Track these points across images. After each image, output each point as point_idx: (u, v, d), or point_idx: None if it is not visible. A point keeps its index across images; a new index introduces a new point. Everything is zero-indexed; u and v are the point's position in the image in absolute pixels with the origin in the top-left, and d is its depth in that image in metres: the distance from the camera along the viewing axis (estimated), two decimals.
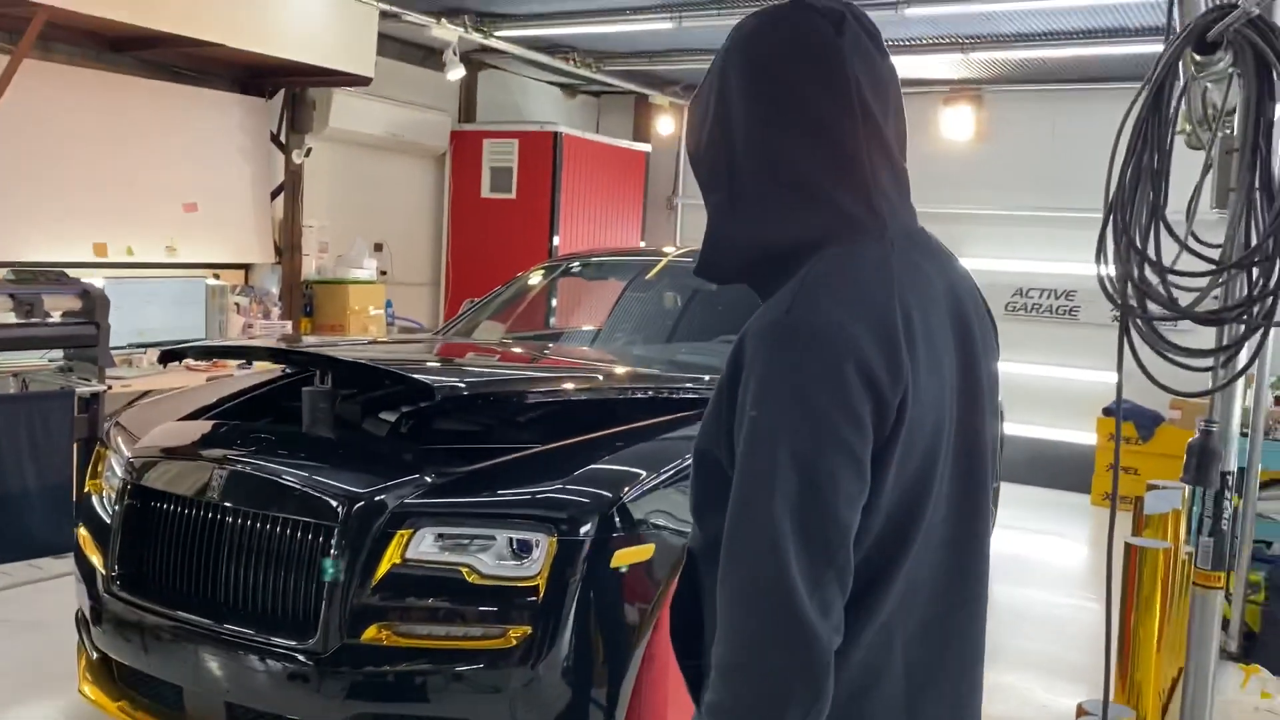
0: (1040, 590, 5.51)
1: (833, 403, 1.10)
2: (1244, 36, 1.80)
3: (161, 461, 3.11)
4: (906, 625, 1.22)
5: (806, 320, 1.13)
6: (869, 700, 1.19)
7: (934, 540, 1.24)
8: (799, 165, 1.23)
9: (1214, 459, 1.88)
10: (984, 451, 1.28)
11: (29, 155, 5.72)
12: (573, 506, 2.73)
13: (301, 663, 2.69)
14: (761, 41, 1.26)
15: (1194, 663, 1.99)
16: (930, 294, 1.23)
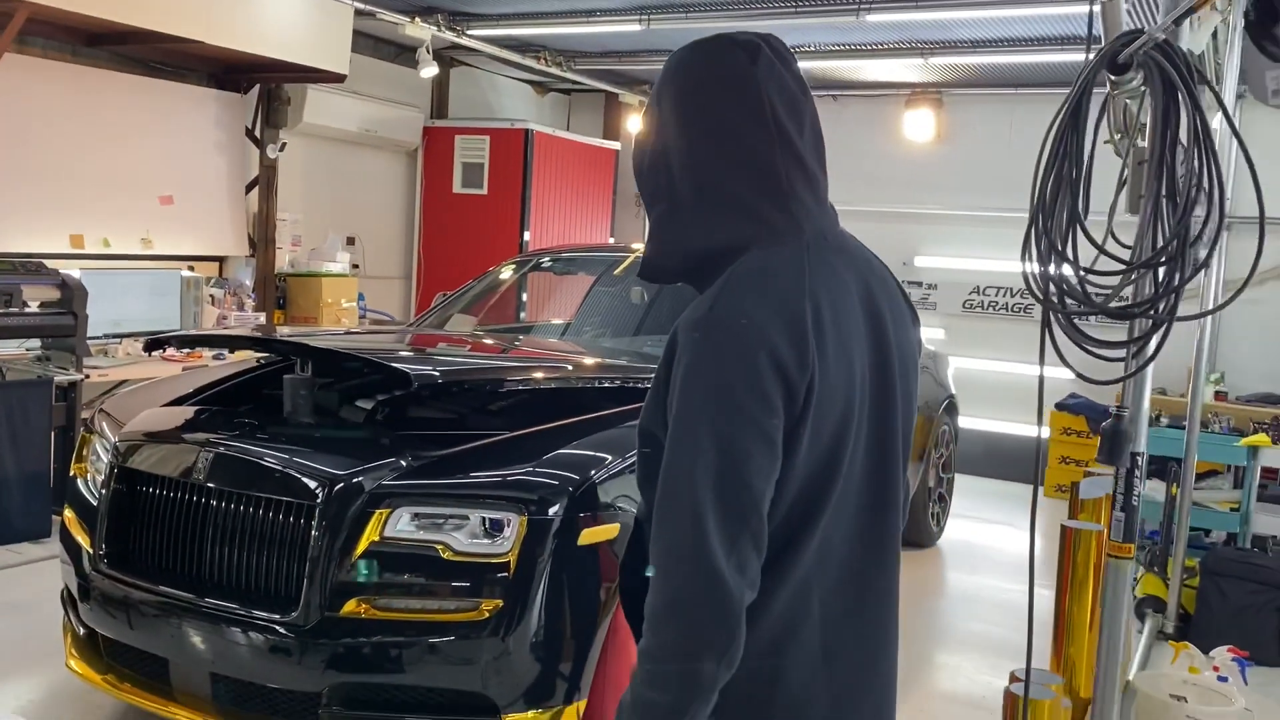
0: (990, 577, 5.74)
1: (747, 388, 1.27)
2: (1152, 59, 1.99)
3: (147, 445, 3.24)
4: (824, 582, 1.38)
5: (725, 316, 1.30)
6: (790, 645, 1.36)
7: (849, 507, 1.41)
8: (725, 181, 1.40)
9: (1124, 441, 2.08)
10: (895, 430, 1.45)
11: (6, 148, 5.80)
12: (542, 488, 2.89)
13: (283, 635, 2.83)
14: (688, 73, 1.45)
15: (1107, 626, 2.19)
16: (842, 289, 1.40)
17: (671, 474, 1.28)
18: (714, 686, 1.26)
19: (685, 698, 1.24)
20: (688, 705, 1.24)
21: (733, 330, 1.29)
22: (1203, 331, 4.76)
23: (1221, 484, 5.54)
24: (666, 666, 1.25)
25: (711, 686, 1.25)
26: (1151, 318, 2.02)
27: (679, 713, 1.24)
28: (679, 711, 1.24)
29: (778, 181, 1.41)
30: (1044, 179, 2.05)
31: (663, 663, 1.25)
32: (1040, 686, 2.72)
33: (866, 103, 8.98)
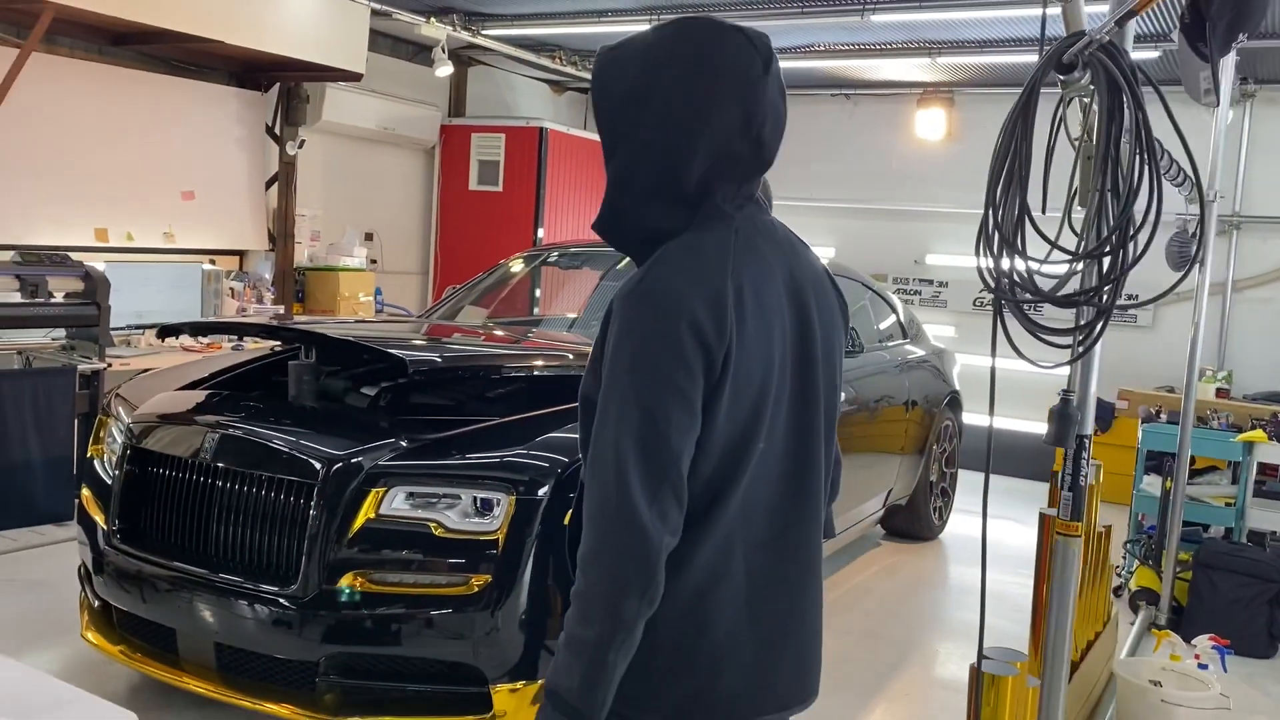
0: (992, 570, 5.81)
1: (669, 354, 1.38)
2: (1097, 59, 2.10)
3: (159, 427, 3.40)
4: (747, 538, 1.50)
5: (652, 289, 1.42)
6: (713, 596, 1.48)
7: (773, 472, 1.52)
8: (685, 142, 1.47)
9: (1071, 423, 2.18)
10: (817, 403, 1.57)
11: (34, 144, 6.00)
12: (531, 470, 3.01)
13: (284, 607, 2.98)
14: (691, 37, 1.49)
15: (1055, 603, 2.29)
16: (766, 272, 1.50)
17: (600, 433, 1.41)
18: (635, 622, 1.38)
19: (608, 631, 1.37)
20: (610, 638, 1.37)
21: (658, 302, 1.40)
22: (1197, 330, 4.81)
23: (1220, 480, 5.58)
24: (594, 605, 1.38)
25: (633, 622, 1.38)
26: (1096, 305, 2.12)
27: (603, 646, 1.37)
28: (603, 644, 1.37)
29: (728, 157, 1.49)
30: (993, 176, 2.16)
31: (590, 601, 1.38)
32: (1005, 664, 2.82)
33: (878, 102, 9.05)
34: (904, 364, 5.83)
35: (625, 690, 1.46)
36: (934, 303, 8.95)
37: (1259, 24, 2.24)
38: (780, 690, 1.56)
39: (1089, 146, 2.16)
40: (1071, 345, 2.18)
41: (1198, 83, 2.23)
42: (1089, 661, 3.79)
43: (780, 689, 1.56)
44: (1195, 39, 2.17)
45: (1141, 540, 5.44)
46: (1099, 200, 2.12)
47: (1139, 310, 8.28)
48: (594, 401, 1.47)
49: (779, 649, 1.55)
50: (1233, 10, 2.06)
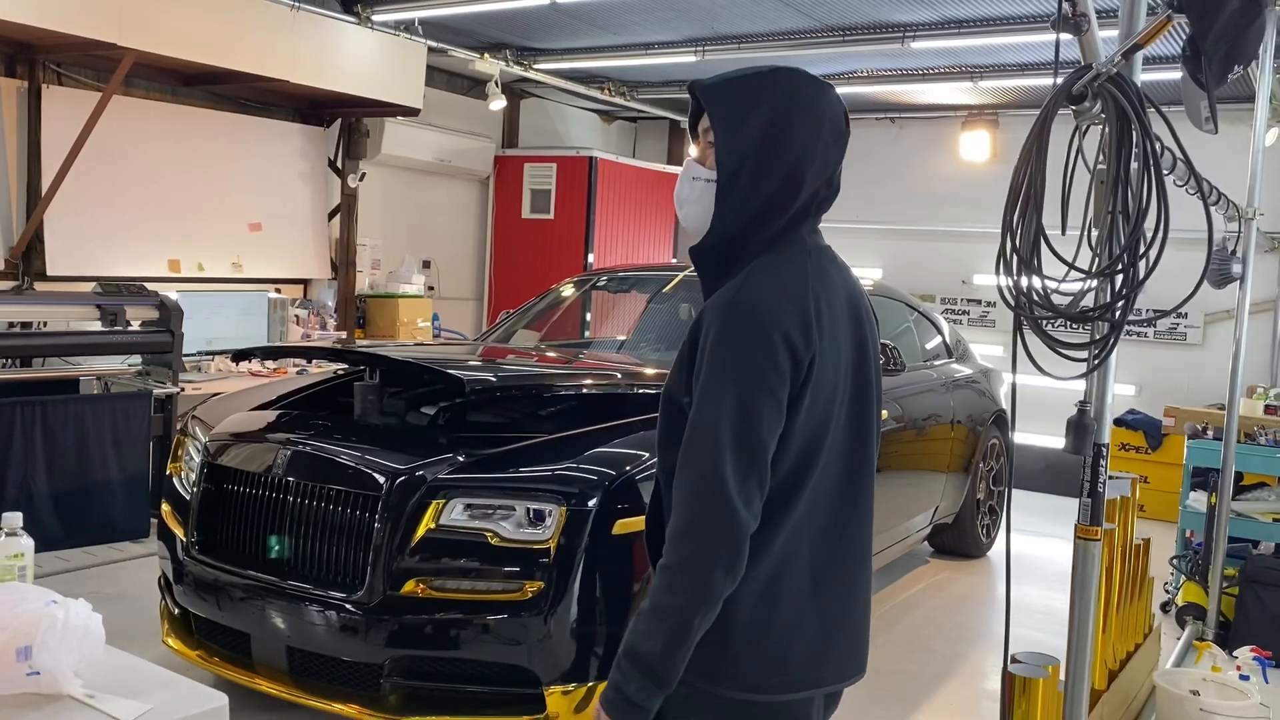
0: (1036, 586, 5.87)
1: (763, 358, 1.58)
2: (1106, 90, 2.24)
3: (234, 445, 3.62)
4: (811, 527, 1.68)
5: (748, 301, 1.61)
6: (784, 579, 1.66)
7: (832, 470, 1.71)
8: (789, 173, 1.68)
9: (1087, 432, 2.30)
10: (871, 410, 1.76)
11: (113, 181, 6.34)
12: (581, 482, 3.18)
13: (351, 612, 3.17)
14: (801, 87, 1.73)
15: (1078, 603, 2.40)
16: (833, 291, 1.71)
17: (698, 424, 1.59)
18: (720, 593, 1.56)
19: (694, 602, 1.55)
20: (697, 607, 1.55)
21: (754, 313, 1.60)
22: (1239, 346, 4.86)
23: (1268, 495, 5.58)
24: (683, 576, 1.55)
25: (719, 594, 1.56)
26: (1109, 320, 2.25)
27: (689, 613, 1.55)
28: (689, 612, 1.55)
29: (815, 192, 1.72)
30: (1010, 201, 2.30)
31: (680, 572, 1.56)
32: (1036, 668, 2.93)
33: (923, 125, 9.17)
34: (949, 383, 5.93)
35: (704, 666, 1.63)
36: (982, 323, 9.01)
37: (1252, 58, 2.36)
38: (839, 664, 1.74)
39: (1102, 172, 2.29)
40: (1087, 359, 2.31)
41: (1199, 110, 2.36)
42: (1129, 671, 3.86)
43: (839, 663, 1.74)
44: (1194, 70, 2.30)
45: (1188, 556, 5.46)
46: (1110, 221, 2.25)
47: (1189, 329, 8.28)
48: (677, 401, 1.67)
49: (838, 627, 1.72)
50: (1227, 45, 2.19)
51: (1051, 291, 2.30)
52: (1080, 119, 2.31)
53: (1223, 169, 5.87)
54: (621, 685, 1.58)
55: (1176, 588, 5.41)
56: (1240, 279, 4.71)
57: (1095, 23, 2.35)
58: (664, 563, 1.59)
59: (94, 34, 5.34)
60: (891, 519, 5.09)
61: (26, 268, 5.98)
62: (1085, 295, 2.30)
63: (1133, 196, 2.20)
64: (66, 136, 5.79)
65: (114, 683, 1.85)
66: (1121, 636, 3.85)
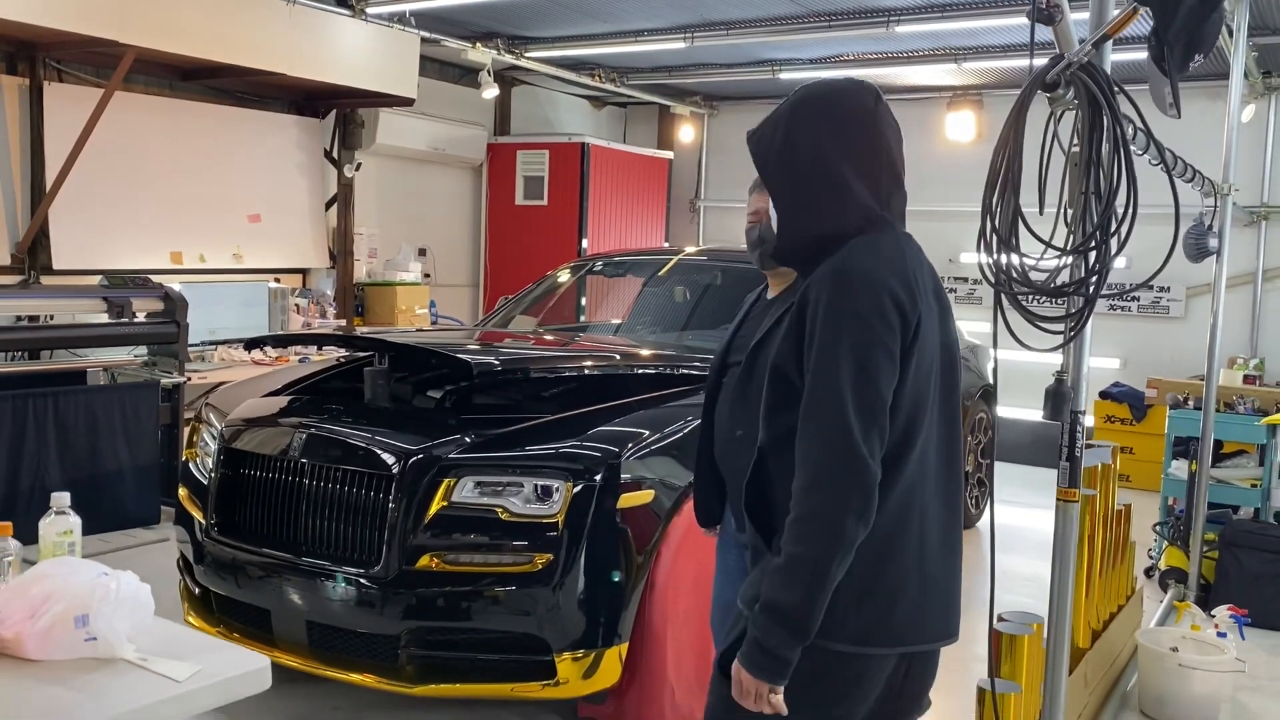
0: (1023, 555, 6.04)
1: (876, 318, 1.72)
2: (1079, 77, 2.38)
3: (249, 429, 3.76)
4: (923, 491, 1.81)
5: (855, 268, 1.77)
6: (898, 537, 1.78)
7: (935, 437, 1.84)
8: (846, 183, 1.86)
9: (1065, 400, 2.45)
10: (958, 384, 1.90)
11: (115, 175, 6.44)
12: (586, 459, 3.33)
13: (368, 587, 3.31)
14: (829, 101, 1.92)
15: (1058, 563, 2.56)
16: (923, 269, 1.88)
17: (819, 381, 1.72)
18: (854, 541, 1.68)
19: (831, 550, 1.67)
20: (833, 556, 1.67)
21: (862, 277, 1.75)
22: (1216, 318, 5.00)
23: (1247, 463, 5.76)
24: (816, 526, 1.67)
25: (852, 541, 1.68)
26: (1083, 295, 2.40)
27: (826, 561, 1.66)
28: (826, 560, 1.66)
29: (881, 191, 1.89)
30: (989, 184, 2.44)
31: (811, 523, 1.68)
32: (1022, 625, 3.09)
33: (909, 106, 9.29)
34: None
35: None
36: (969, 300, 9.17)
37: (1211, 47, 2.51)
38: (937, 624, 1.87)
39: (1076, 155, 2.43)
40: (1064, 331, 2.46)
41: (1164, 96, 2.50)
42: (1112, 631, 4.03)
43: (937, 624, 1.87)
44: (1158, 58, 2.44)
45: (1170, 522, 5.64)
46: (1083, 202, 2.39)
47: (1172, 302, 8.45)
48: (785, 373, 1.81)
49: (939, 589, 1.85)
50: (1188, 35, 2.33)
51: (1029, 269, 2.44)
52: (1055, 105, 2.45)
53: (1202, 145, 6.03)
54: (762, 640, 1.69)
55: (1159, 553, 5.59)
56: (1217, 253, 4.86)
57: (1068, 13, 2.48)
58: (794, 516, 1.70)
59: (95, 31, 5.43)
60: None
61: (33, 262, 6.09)
62: (1061, 271, 2.44)
63: (1104, 177, 2.34)
64: (69, 133, 5.88)
65: (163, 648, 1.99)
66: (1104, 599, 4.02)
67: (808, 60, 7.77)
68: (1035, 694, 2.94)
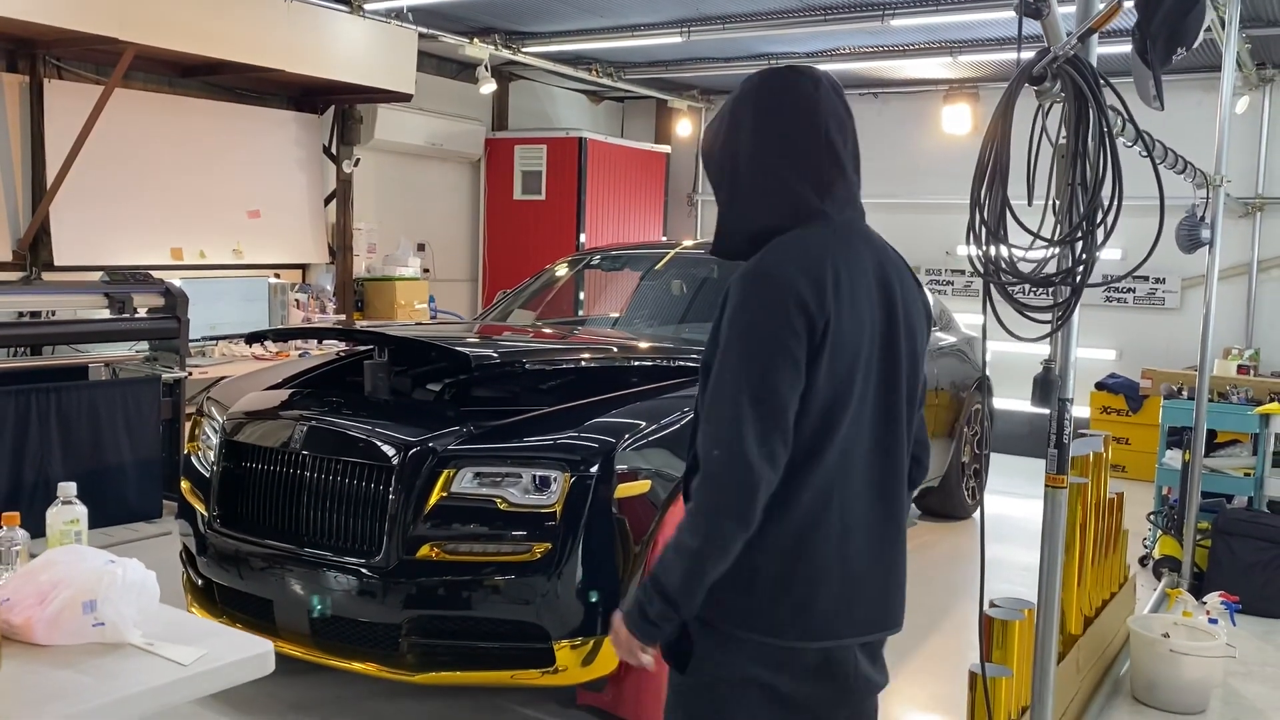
0: (1018, 545, 6.08)
1: (777, 321, 1.72)
2: (1065, 71, 2.42)
3: (250, 422, 3.80)
4: (844, 488, 1.82)
5: (764, 269, 1.77)
6: (815, 533, 1.80)
7: (865, 437, 1.84)
8: (783, 179, 1.86)
9: (1053, 388, 2.49)
10: (900, 381, 1.88)
11: (115, 172, 6.48)
12: (583, 450, 3.37)
13: (369, 576, 3.36)
14: (763, 94, 1.91)
15: (1047, 547, 2.60)
16: (860, 265, 1.83)
17: (719, 382, 1.75)
18: (731, 540, 1.72)
19: (708, 547, 1.71)
20: (709, 553, 1.71)
21: (768, 278, 1.76)
22: (1208, 309, 5.04)
23: (1241, 452, 5.81)
24: (699, 520, 1.72)
25: (729, 540, 1.71)
26: (1070, 285, 2.44)
27: (702, 556, 1.71)
28: (702, 556, 1.71)
29: (821, 182, 1.87)
30: (978, 175, 2.48)
31: (696, 516, 1.73)
32: (1013, 610, 3.15)
33: (905, 99, 9.34)
34: (933, 351, 6.12)
35: (734, 611, 1.80)
36: (966, 292, 9.21)
37: (1194, 40, 2.54)
38: (863, 618, 1.88)
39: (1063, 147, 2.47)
40: (1051, 320, 2.50)
41: (1148, 88, 2.54)
42: (1104, 618, 4.08)
43: (863, 617, 1.87)
44: (1141, 51, 2.48)
45: (1164, 511, 5.69)
46: (1070, 193, 2.43)
47: (1167, 293, 8.49)
48: (709, 369, 1.81)
49: (864, 583, 1.86)
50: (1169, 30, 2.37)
51: (1018, 259, 2.48)
52: (1042, 98, 2.49)
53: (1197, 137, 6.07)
54: (644, 605, 1.75)
55: (1154, 542, 5.63)
56: (1209, 244, 4.90)
57: (1056, 7, 2.52)
58: (689, 507, 1.75)
59: (95, 29, 5.47)
60: None
61: (34, 258, 6.13)
62: (1049, 262, 2.48)
63: (1090, 169, 2.38)
64: (69, 130, 5.92)
65: (168, 633, 2.04)
66: (1097, 586, 4.07)
67: (804, 54, 7.80)
68: (1026, 679, 2.99)
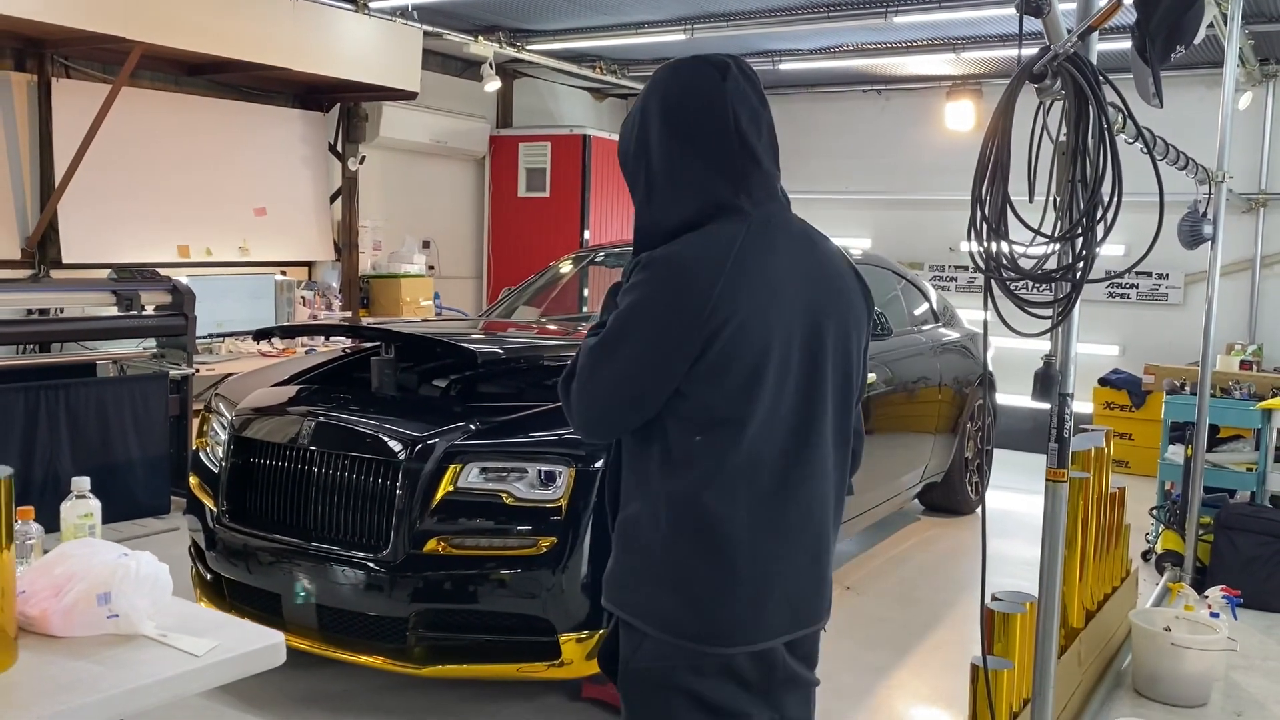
0: (1020, 540, 6.11)
1: (664, 302, 1.73)
2: (1065, 69, 2.44)
3: (259, 419, 3.84)
4: (752, 490, 1.79)
5: (662, 255, 1.77)
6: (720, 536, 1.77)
7: (778, 435, 1.79)
8: (693, 175, 1.83)
9: (1053, 382, 2.51)
10: (824, 377, 1.84)
11: (122, 171, 6.51)
12: (587, 445, 3.39)
13: (376, 571, 3.39)
14: (669, 86, 1.87)
15: (1048, 540, 2.63)
16: (774, 259, 1.80)
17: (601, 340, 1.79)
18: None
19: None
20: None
21: (668, 263, 1.75)
22: (1210, 304, 5.06)
23: (1243, 447, 5.82)
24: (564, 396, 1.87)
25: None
26: (1070, 280, 2.46)
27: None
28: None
29: (734, 176, 1.83)
30: (979, 172, 2.50)
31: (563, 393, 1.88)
32: (1015, 604, 3.17)
33: (909, 96, 9.35)
34: (937, 347, 6.15)
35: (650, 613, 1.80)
36: (969, 288, 9.22)
37: (1193, 38, 2.57)
38: (775, 623, 1.84)
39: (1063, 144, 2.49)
40: (1051, 316, 2.52)
41: (1147, 86, 2.56)
42: (1106, 612, 4.11)
43: (775, 622, 1.84)
44: (1140, 49, 2.50)
45: (1167, 506, 5.71)
46: (1070, 189, 2.46)
47: (1170, 289, 8.50)
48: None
49: (775, 588, 1.82)
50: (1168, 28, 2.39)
51: (1019, 255, 2.50)
52: (1043, 96, 2.51)
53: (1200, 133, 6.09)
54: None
55: (1156, 537, 5.66)
56: (1211, 240, 4.91)
57: (1057, 4, 2.54)
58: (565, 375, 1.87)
59: (102, 28, 5.49)
60: (882, 478, 5.32)
61: (42, 256, 6.17)
62: (1049, 258, 2.50)
63: (1090, 165, 2.41)
64: (77, 128, 5.96)
65: (181, 625, 2.06)
66: (1099, 581, 4.09)
67: (807, 51, 7.82)
68: (1028, 671, 3.02)
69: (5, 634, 1.81)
